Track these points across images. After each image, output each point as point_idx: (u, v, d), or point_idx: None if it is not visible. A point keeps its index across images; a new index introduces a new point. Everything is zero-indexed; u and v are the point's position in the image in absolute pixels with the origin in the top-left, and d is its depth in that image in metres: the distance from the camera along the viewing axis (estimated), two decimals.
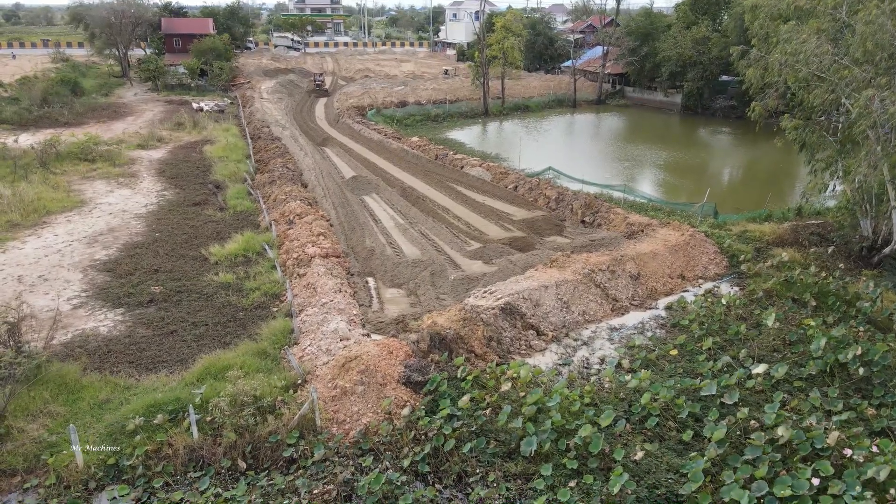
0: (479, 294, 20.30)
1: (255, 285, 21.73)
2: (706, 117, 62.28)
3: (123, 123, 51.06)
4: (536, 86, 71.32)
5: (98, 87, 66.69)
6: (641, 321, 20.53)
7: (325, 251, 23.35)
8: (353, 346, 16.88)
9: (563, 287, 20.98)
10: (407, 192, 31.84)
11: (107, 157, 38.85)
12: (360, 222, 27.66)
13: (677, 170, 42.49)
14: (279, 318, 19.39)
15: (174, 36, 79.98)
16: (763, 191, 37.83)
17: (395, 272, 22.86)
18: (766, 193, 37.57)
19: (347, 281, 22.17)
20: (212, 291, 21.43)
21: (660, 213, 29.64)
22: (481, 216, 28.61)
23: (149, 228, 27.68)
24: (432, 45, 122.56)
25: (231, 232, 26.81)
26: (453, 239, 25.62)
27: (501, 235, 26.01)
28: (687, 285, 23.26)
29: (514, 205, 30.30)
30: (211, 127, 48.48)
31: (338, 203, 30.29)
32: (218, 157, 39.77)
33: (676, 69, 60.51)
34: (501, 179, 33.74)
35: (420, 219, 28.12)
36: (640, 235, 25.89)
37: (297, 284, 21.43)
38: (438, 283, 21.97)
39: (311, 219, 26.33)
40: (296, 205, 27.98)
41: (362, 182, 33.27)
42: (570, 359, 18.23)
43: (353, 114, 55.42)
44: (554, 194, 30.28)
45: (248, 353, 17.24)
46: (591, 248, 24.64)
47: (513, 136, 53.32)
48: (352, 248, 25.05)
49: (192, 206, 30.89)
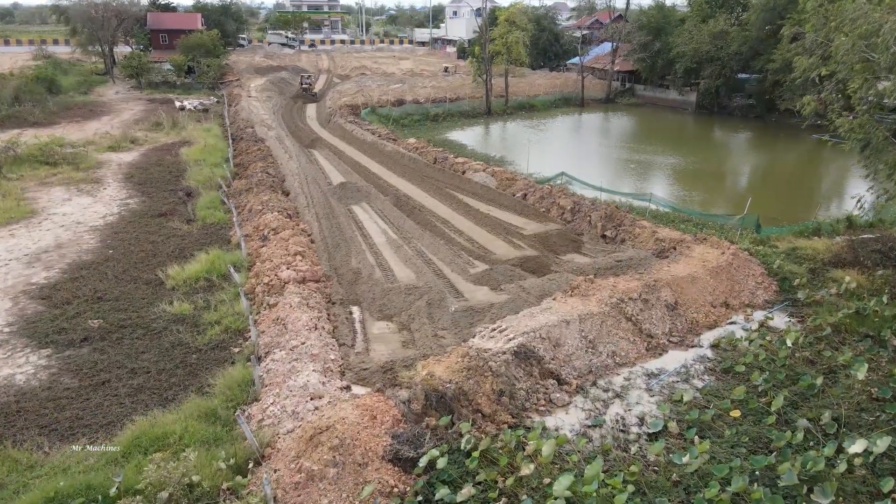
0: (486, 332, 16.57)
1: (216, 318, 18.01)
2: (723, 117, 58.53)
3: (98, 123, 47.34)
4: (542, 84, 67.55)
5: (77, 84, 63.00)
6: (684, 364, 16.80)
7: (301, 275, 19.62)
8: (326, 408, 13.16)
9: (589, 322, 17.25)
10: (401, 201, 28.09)
11: (71, 160, 35.12)
12: (347, 237, 23.92)
13: (698, 175, 38.75)
14: (240, 363, 15.68)
15: (161, 31, 76.12)
16: (795, 198, 34.12)
17: (384, 300, 19.14)
18: (799, 201, 33.87)
19: (327, 312, 18.48)
20: (162, 326, 17.70)
21: (689, 224, 25.94)
22: (486, 230, 24.87)
23: (102, 244, 23.96)
24: (432, 43, 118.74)
25: (196, 249, 23.09)
26: (454, 258, 21.87)
27: (511, 254, 22.25)
28: (732, 315, 19.52)
29: (524, 216, 26.56)
30: (191, 127, 44.75)
31: (322, 214, 26.52)
32: (194, 160, 36.06)
33: (692, 66, 56.76)
34: (508, 186, 29.95)
35: (416, 233, 24.38)
36: (673, 254, 22.16)
37: (266, 318, 17.70)
38: (436, 315, 18.24)
39: (289, 234, 22.60)
40: (272, 217, 24.25)
41: (351, 189, 29.49)
42: (601, 417, 14.50)
43: (346, 113, 51.64)
44: (569, 204, 26.53)
45: (194, 415, 13.53)
46: (618, 271, 20.90)
47: (518, 138, 49.56)
48: (335, 270, 21.32)
49: (157, 216, 27.17)
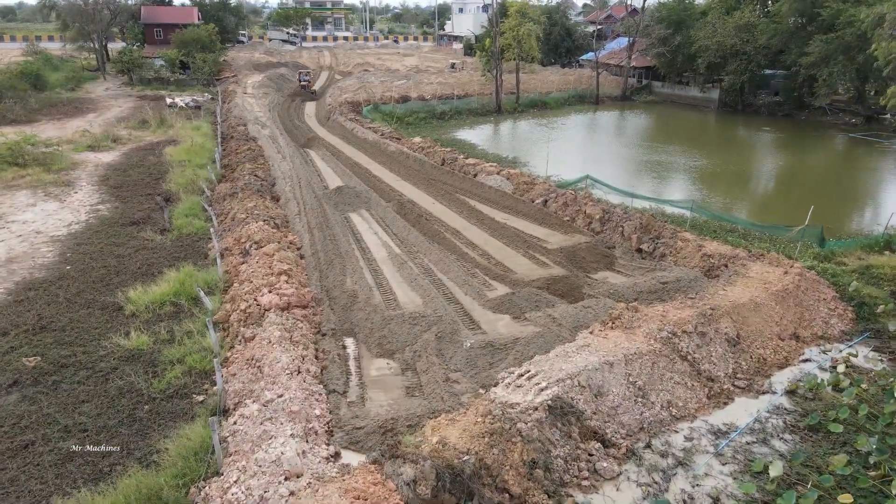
0: (510, 378, 13.25)
1: (179, 354, 14.73)
2: (747, 115, 54.97)
3: (82, 121, 44.20)
4: (554, 80, 64.09)
5: (65, 80, 59.91)
6: (756, 416, 13.48)
7: (285, 300, 16.33)
8: (304, 495, 9.87)
9: (637, 363, 13.93)
10: (405, 208, 24.76)
11: (43, 160, 31.94)
12: (342, 251, 20.59)
13: (730, 178, 35.29)
14: (201, 418, 12.41)
15: (155, 26, 73.00)
16: (846, 205, 30.59)
17: (385, 331, 15.83)
18: (852, 208, 30.38)
19: (316, 346, 15.20)
20: (111, 366, 14.43)
21: (735, 236, 22.55)
22: (504, 242, 21.52)
23: (61, 258, 20.74)
24: (438, 39, 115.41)
25: (167, 265, 19.84)
26: (468, 279, 18.52)
27: (535, 273, 18.87)
28: (804, 349, 16.20)
29: (546, 226, 23.22)
30: (179, 125, 41.53)
31: (315, 223, 23.20)
32: (179, 160, 32.83)
33: (715, 61, 53.18)
34: (526, 191, 26.56)
35: (422, 246, 21.06)
36: (724, 273, 18.78)
37: (239, 356, 14.40)
38: (448, 351, 14.93)
39: (274, 248, 19.31)
40: (256, 227, 20.96)
41: (349, 194, 26.15)
42: (663, 497, 11.20)
43: (347, 110, 48.32)
44: (597, 212, 23.16)
45: (132, 498, 10.29)
46: (664, 295, 17.53)
47: (532, 137, 46.19)
48: (327, 292, 18.02)
49: (129, 225, 23.93)
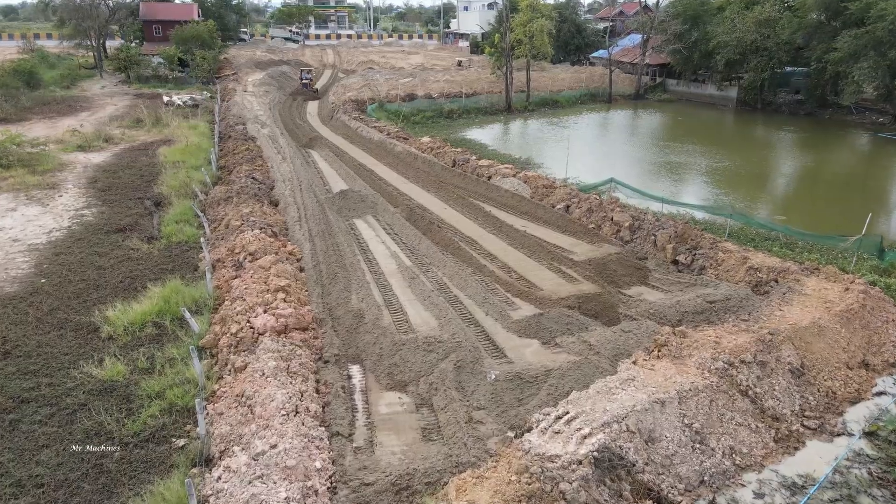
0: (546, 422, 11.20)
1: (158, 387, 12.76)
2: (767, 114, 52.79)
3: (74, 120, 42.32)
4: (565, 78, 61.96)
5: (60, 78, 58.12)
6: (834, 465, 11.45)
7: (282, 322, 14.33)
8: None
9: (692, 401, 11.89)
10: (415, 214, 22.73)
11: (28, 161, 30.05)
12: (347, 264, 18.57)
13: (758, 181, 33.21)
14: (180, 470, 10.43)
15: (154, 23, 71.06)
16: (888, 211, 28.50)
17: (396, 358, 13.82)
18: (889, 212, 28.32)
19: (316, 376, 13.20)
20: (80, 401, 12.46)
21: (777, 245, 20.44)
22: (525, 253, 19.48)
23: (36, 270, 18.79)
24: (443, 37, 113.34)
25: (152, 278, 17.88)
26: (488, 295, 16.48)
27: (563, 290, 16.81)
28: (877, 379, 14.15)
29: (570, 234, 21.17)
30: (175, 124, 39.59)
31: (316, 231, 21.17)
32: (173, 161, 30.88)
33: (734, 57, 51.00)
34: (546, 195, 24.49)
35: (435, 257, 19.03)
36: (775, 289, 16.71)
37: (228, 391, 12.41)
38: (469, 384, 12.91)
39: (271, 260, 17.32)
40: (252, 236, 18.96)
41: (354, 199, 24.11)
42: None
43: (351, 108, 46.30)
44: (626, 219, 21.10)
45: None
46: (711, 316, 15.47)
47: (544, 137, 44.15)
48: (329, 311, 16.00)
49: (114, 232, 21.99)
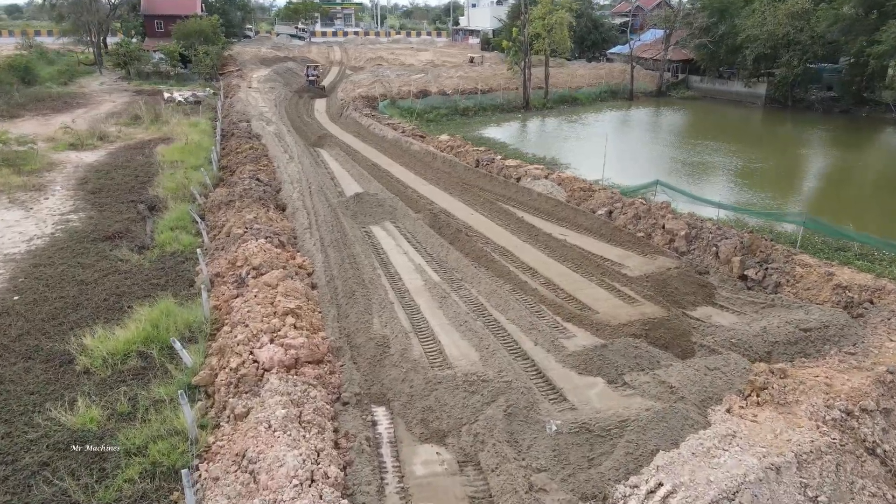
0: (636, 498, 8.68)
1: (141, 439, 10.31)
2: (798, 112, 50.11)
3: (69, 116, 40.02)
4: (584, 74, 59.42)
5: (58, 74, 55.95)
6: None
7: (292, 355, 11.86)
8: None
9: (814, 467, 9.38)
10: (440, 220, 20.22)
11: (13, 160, 27.71)
12: (365, 279, 16.07)
13: (801, 183, 30.62)
14: None
15: (156, 17, 68.79)
16: None
17: (430, 400, 11.32)
18: None
19: (334, 425, 10.72)
20: (42, 459, 10.01)
21: (850, 255, 17.84)
22: (570, 266, 16.93)
23: (10, 285, 16.39)
24: (452, 34, 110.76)
25: (140, 296, 15.45)
26: (534, 319, 13.93)
27: (622, 313, 14.23)
28: None
29: (617, 244, 18.63)
30: (175, 121, 37.25)
31: (329, 240, 18.66)
32: (171, 161, 28.52)
33: (765, 51, 48.33)
34: (584, 199, 21.94)
35: (467, 271, 16.51)
36: (874, 312, 14.15)
37: (226, 446, 9.92)
38: (524, 437, 10.40)
39: (279, 276, 14.85)
40: (256, 246, 16.50)
41: (370, 203, 21.60)
42: None
43: (361, 105, 43.82)
44: (680, 227, 18.53)
45: None
46: (807, 347, 12.90)
47: (567, 135, 41.63)
48: (348, 338, 13.52)
49: (102, 240, 19.57)
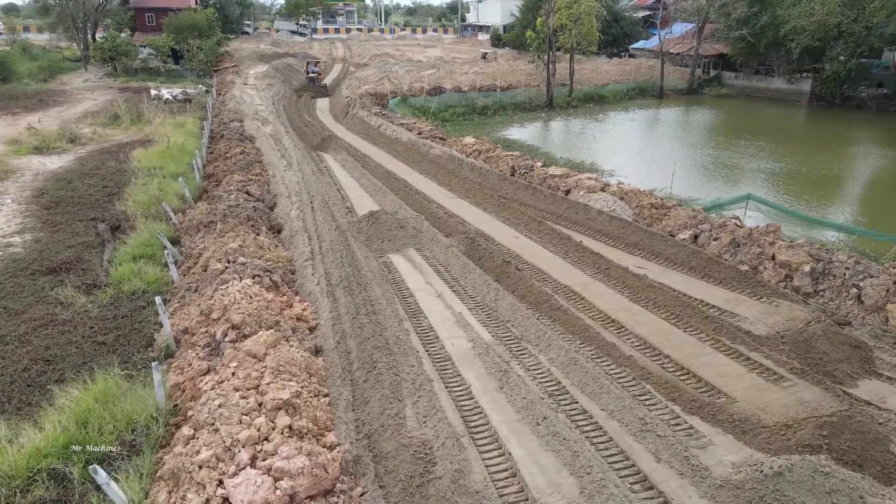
0: None
1: None
2: (847, 111, 45.66)
3: (43, 116, 35.70)
4: (609, 70, 55.05)
5: (38, 71, 51.79)
6: None
7: (287, 488, 7.41)
8: None
9: None
10: (479, 248, 15.76)
11: None
12: (389, 339, 11.54)
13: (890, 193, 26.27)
14: None
15: (147, 10, 64.56)
16: None
17: None
18: None
19: None
20: None
21: None
22: (667, 316, 12.42)
23: None
24: (460, 31, 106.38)
25: (75, 363, 11.04)
26: (641, 410, 9.40)
27: (774, 401, 9.69)
28: None
29: (717, 282, 14.19)
30: (159, 121, 32.88)
31: (338, 277, 14.10)
32: (148, 167, 24.18)
33: (813, 44, 43.87)
34: (657, 219, 17.47)
35: (527, 326, 12.04)
36: None
37: None
38: None
39: (269, 340, 10.42)
40: (239, 291, 12.06)
41: (388, 224, 17.07)
42: None
43: (370, 103, 39.41)
44: (801, 260, 14.09)
45: None
46: None
47: (598, 136, 37.26)
48: (368, 439, 9.06)
49: (45, 274, 15.20)
